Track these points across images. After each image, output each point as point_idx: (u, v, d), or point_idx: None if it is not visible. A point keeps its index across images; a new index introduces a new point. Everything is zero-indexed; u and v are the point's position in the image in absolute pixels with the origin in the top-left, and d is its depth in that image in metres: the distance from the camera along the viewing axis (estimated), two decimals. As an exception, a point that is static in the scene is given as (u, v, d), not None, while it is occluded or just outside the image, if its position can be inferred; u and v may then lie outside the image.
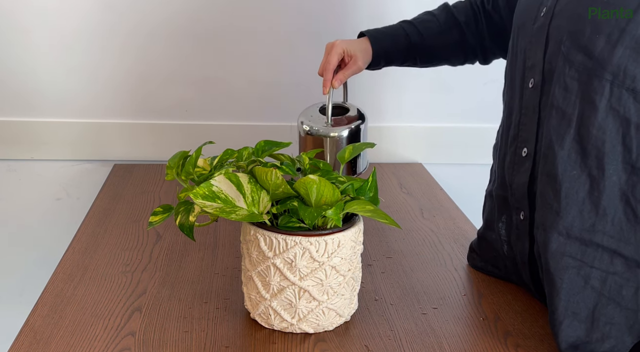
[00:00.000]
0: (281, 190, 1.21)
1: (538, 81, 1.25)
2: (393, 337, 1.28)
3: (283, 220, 1.25)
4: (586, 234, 1.20)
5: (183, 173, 1.30)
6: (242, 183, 1.21)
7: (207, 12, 2.09)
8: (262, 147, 1.37)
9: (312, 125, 1.52)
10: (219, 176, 1.21)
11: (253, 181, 1.22)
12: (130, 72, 2.12)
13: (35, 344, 1.23)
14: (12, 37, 2.06)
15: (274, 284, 1.25)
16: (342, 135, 1.50)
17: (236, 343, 1.25)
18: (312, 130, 1.51)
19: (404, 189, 2.03)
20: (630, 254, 1.19)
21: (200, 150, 1.31)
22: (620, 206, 1.18)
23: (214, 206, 1.19)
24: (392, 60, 1.63)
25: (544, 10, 1.25)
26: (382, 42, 1.59)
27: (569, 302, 1.21)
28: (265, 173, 1.20)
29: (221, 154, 1.32)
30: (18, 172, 2.18)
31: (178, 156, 1.34)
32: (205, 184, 1.20)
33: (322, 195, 1.19)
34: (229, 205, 1.20)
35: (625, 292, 1.20)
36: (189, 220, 1.26)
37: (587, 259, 1.20)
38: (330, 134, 1.50)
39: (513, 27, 1.38)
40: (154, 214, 1.30)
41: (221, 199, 1.20)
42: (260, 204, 1.22)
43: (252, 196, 1.21)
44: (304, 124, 1.53)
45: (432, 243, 1.68)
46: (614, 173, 1.17)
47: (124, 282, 1.45)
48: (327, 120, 1.52)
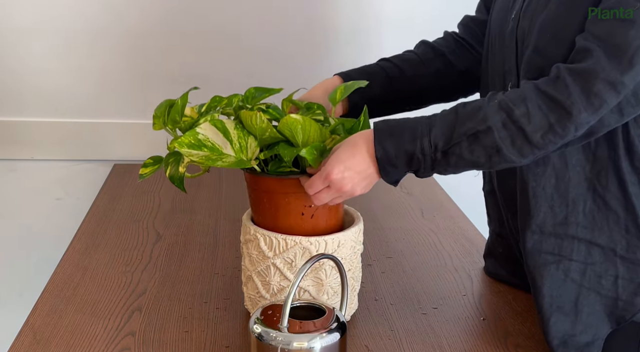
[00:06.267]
0: (268, 134, 1.17)
1: (514, 84, 1.26)
2: (393, 337, 1.28)
3: (273, 166, 1.21)
4: (560, 227, 1.22)
5: (169, 121, 1.25)
6: (228, 129, 1.17)
7: (207, 11, 2.09)
8: (252, 94, 1.31)
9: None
10: (204, 122, 1.17)
11: (240, 126, 1.18)
12: (131, 72, 2.12)
13: (35, 344, 1.22)
14: (12, 37, 2.06)
15: (274, 284, 1.25)
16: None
17: (236, 343, 1.25)
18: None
19: (404, 189, 2.02)
20: (606, 243, 1.21)
21: (187, 96, 1.25)
22: (589, 195, 1.20)
23: (200, 154, 1.15)
24: (371, 99, 1.43)
25: (513, 14, 1.27)
26: (356, 77, 1.43)
27: (552, 298, 1.22)
28: (250, 117, 1.16)
29: (209, 101, 1.28)
30: (18, 172, 2.18)
31: (164, 105, 1.28)
32: (190, 132, 1.16)
33: (309, 135, 1.16)
34: (216, 153, 1.16)
35: (605, 282, 1.22)
36: (179, 171, 1.22)
37: (564, 253, 1.22)
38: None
39: (489, 39, 1.37)
40: (144, 166, 1.27)
41: (207, 147, 1.16)
42: (248, 150, 1.18)
43: (239, 142, 1.18)
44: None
45: (432, 243, 1.68)
46: (577, 164, 1.20)
47: (124, 282, 1.44)
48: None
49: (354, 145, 1.18)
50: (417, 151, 1.15)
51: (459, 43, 1.49)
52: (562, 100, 1.09)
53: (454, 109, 1.16)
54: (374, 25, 2.17)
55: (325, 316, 1.12)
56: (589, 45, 1.09)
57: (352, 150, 1.17)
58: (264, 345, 1.08)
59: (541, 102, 1.10)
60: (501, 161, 1.14)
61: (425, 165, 1.16)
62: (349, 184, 1.17)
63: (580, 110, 1.08)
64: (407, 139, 1.15)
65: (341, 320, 1.12)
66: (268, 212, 1.25)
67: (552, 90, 1.10)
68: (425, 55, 1.48)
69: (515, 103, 1.11)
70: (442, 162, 1.16)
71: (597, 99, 1.08)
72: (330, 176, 1.16)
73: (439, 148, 1.14)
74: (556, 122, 1.09)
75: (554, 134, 1.10)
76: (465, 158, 1.14)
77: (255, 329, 1.09)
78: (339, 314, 1.13)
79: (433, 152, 1.15)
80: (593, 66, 1.08)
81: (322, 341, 1.07)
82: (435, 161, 1.16)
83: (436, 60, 1.47)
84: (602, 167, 1.19)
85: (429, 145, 1.15)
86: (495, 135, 1.11)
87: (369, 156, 1.17)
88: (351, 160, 1.16)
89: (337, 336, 1.09)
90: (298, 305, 1.14)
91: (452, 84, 1.49)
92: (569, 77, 1.09)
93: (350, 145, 1.18)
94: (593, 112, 1.09)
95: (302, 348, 1.07)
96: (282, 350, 1.07)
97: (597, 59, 1.08)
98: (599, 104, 1.08)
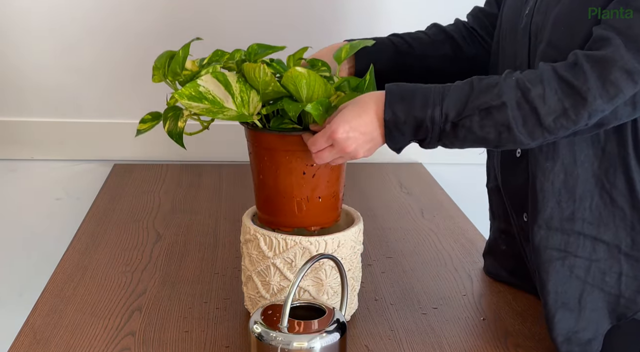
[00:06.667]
0: (271, 88, 1.14)
1: None
2: (393, 337, 1.28)
3: (275, 122, 1.19)
4: (567, 223, 1.21)
5: (170, 73, 1.21)
6: (230, 83, 1.14)
7: (207, 11, 2.09)
8: (254, 50, 1.27)
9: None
10: (205, 75, 1.13)
11: (242, 80, 1.15)
12: (131, 72, 2.12)
13: (35, 344, 1.22)
14: (12, 37, 2.06)
15: (274, 284, 1.25)
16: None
17: (236, 343, 1.25)
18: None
19: (404, 189, 2.02)
20: (611, 240, 1.21)
21: (188, 48, 1.21)
22: (596, 191, 1.20)
23: (200, 106, 1.12)
24: (376, 70, 1.39)
25: (527, 10, 1.27)
26: (365, 47, 1.43)
27: (558, 294, 1.22)
28: (253, 69, 1.13)
29: (210, 54, 1.24)
30: (18, 172, 2.18)
31: (164, 56, 1.24)
32: (191, 83, 1.12)
33: (314, 91, 1.13)
34: (217, 106, 1.13)
35: (609, 279, 1.22)
36: (178, 126, 1.19)
37: (570, 249, 1.22)
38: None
39: (500, 33, 1.37)
40: (142, 122, 1.23)
41: (208, 100, 1.13)
42: (250, 105, 1.15)
43: (241, 96, 1.15)
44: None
45: (432, 243, 1.68)
46: (586, 160, 1.19)
47: (124, 282, 1.44)
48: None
49: (362, 106, 1.15)
50: (426, 119, 1.13)
51: (468, 31, 1.50)
52: (579, 86, 1.08)
53: (469, 82, 1.15)
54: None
55: (325, 316, 1.12)
56: (607, 34, 1.09)
57: (360, 110, 1.15)
58: (264, 345, 1.08)
59: (557, 86, 1.09)
60: (509, 140, 1.12)
61: (432, 135, 1.14)
62: (353, 145, 1.15)
63: (595, 97, 1.07)
64: (418, 105, 1.13)
65: (341, 320, 1.12)
66: (269, 171, 1.23)
67: (570, 75, 1.09)
68: (435, 37, 1.48)
69: (533, 83, 1.10)
70: (450, 134, 1.14)
71: (613, 87, 1.07)
72: (335, 134, 1.14)
73: (449, 119, 1.12)
74: (570, 107, 1.09)
75: (566, 119, 1.09)
76: (475, 132, 1.12)
77: (255, 329, 1.09)
78: (339, 314, 1.13)
79: (443, 122, 1.13)
80: (612, 54, 1.07)
81: (322, 341, 1.07)
82: (444, 132, 1.14)
83: (446, 44, 1.48)
84: (611, 164, 1.19)
85: (440, 115, 1.12)
86: (509, 112, 1.10)
87: (377, 119, 1.14)
88: (357, 120, 1.14)
89: (337, 336, 1.09)
90: (298, 305, 1.14)
91: (458, 70, 1.47)
92: (586, 63, 1.08)
93: (358, 105, 1.16)
94: (608, 100, 1.08)
95: (302, 348, 1.07)
96: (282, 350, 1.07)
97: (616, 47, 1.07)
98: (615, 92, 1.08)
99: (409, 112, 1.13)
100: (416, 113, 1.13)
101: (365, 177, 2.10)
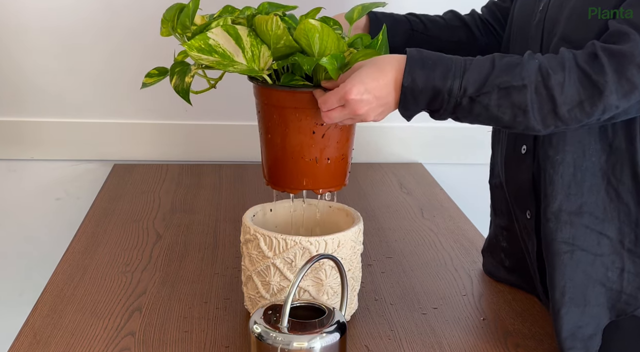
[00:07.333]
0: (283, 42, 1.11)
1: None
2: (393, 337, 1.28)
3: (285, 78, 1.16)
4: (575, 217, 1.21)
5: (179, 26, 1.18)
6: (241, 36, 1.11)
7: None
8: (265, 9, 1.24)
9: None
10: (216, 27, 1.10)
11: (253, 34, 1.12)
12: (130, 72, 2.12)
13: (35, 344, 1.23)
14: (12, 37, 2.06)
15: (274, 284, 1.25)
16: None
17: (236, 343, 1.25)
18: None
19: (404, 189, 2.03)
20: (615, 235, 1.21)
21: (199, 0, 1.18)
22: (603, 185, 1.20)
23: (210, 59, 1.09)
24: (390, 40, 1.42)
25: (541, 6, 1.27)
26: (382, 19, 1.47)
27: (565, 288, 1.22)
28: (265, 22, 1.09)
29: (220, 9, 1.21)
30: (18, 172, 2.18)
31: (174, 8, 1.20)
32: (201, 36, 1.09)
33: (326, 46, 1.10)
34: (227, 59, 1.10)
35: (611, 274, 1.22)
36: (185, 82, 1.16)
37: (578, 242, 1.22)
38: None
39: (512, 29, 1.38)
40: (148, 76, 1.21)
41: (218, 53, 1.09)
42: (260, 60, 1.12)
43: (251, 51, 1.12)
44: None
45: (432, 243, 1.68)
46: (594, 153, 1.19)
47: (124, 282, 1.44)
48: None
49: (381, 68, 1.12)
50: (444, 90, 1.11)
51: (483, 22, 1.51)
52: (597, 79, 1.07)
53: (490, 58, 1.13)
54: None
55: (325, 316, 1.12)
56: (626, 29, 1.08)
57: (378, 73, 1.12)
58: (264, 345, 1.08)
59: (576, 77, 1.08)
60: (522, 124, 1.11)
61: (447, 106, 1.12)
62: (365, 107, 1.12)
63: (611, 91, 1.07)
64: (438, 75, 1.11)
65: (341, 320, 1.12)
66: (277, 129, 1.20)
67: (590, 67, 1.08)
68: (451, 22, 1.50)
69: (555, 70, 1.08)
70: (465, 109, 1.12)
71: (628, 83, 1.07)
72: (348, 95, 1.11)
73: (467, 93, 1.10)
74: (587, 100, 1.08)
75: (581, 110, 1.08)
76: (491, 110, 1.11)
77: (255, 329, 1.09)
78: (338, 314, 1.13)
79: (461, 96, 1.11)
80: (630, 49, 1.06)
81: (322, 341, 1.07)
82: (459, 106, 1.11)
83: (460, 30, 1.49)
84: (618, 159, 1.19)
85: (459, 88, 1.10)
86: (528, 94, 1.08)
87: (394, 83, 1.12)
88: (374, 83, 1.11)
89: (337, 336, 1.09)
90: (298, 305, 1.15)
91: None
92: (604, 56, 1.07)
93: (376, 67, 1.13)
94: (622, 95, 1.07)
95: (302, 348, 1.07)
96: (282, 350, 1.07)
97: (635, 43, 1.07)
98: (629, 89, 1.07)
99: (428, 80, 1.11)
100: (436, 83, 1.11)
101: (365, 177, 2.10)
